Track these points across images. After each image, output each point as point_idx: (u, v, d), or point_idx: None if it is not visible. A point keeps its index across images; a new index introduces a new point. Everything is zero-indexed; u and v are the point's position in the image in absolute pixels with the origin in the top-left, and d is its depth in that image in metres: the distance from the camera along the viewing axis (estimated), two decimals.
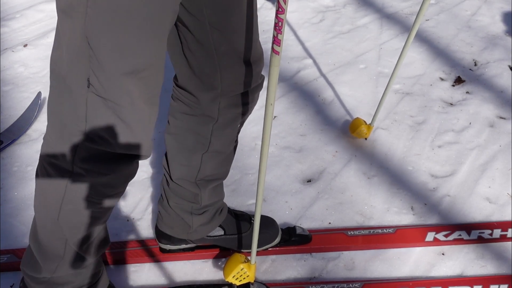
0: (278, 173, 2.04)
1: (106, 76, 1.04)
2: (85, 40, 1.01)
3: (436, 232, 1.80)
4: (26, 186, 1.97)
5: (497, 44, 2.77)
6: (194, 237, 1.65)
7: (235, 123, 1.43)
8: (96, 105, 1.07)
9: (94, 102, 1.07)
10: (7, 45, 2.73)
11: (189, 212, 1.58)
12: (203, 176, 1.50)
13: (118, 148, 1.12)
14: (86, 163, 1.15)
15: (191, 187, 1.51)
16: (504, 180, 2.02)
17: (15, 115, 2.28)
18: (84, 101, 1.07)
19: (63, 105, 1.12)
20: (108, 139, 1.10)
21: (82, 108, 1.08)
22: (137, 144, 1.14)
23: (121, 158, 1.15)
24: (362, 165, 2.08)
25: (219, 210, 1.64)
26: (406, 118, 2.31)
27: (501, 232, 1.80)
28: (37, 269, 1.36)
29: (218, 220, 1.65)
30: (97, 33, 1.01)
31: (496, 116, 2.33)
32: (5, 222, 1.84)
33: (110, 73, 1.04)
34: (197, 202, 1.55)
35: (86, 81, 1.05)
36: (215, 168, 1.50)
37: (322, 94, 2.44)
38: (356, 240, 1.77)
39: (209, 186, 1.53)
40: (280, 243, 1.73)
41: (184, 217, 1.59)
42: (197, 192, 1.53)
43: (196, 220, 1.60)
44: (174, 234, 1.65)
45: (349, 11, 3.03)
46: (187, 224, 1.61)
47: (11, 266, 1.68)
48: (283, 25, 1.06)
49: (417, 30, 1.75)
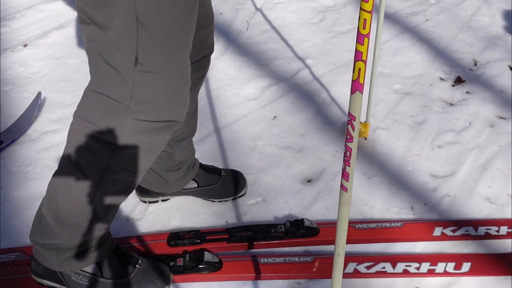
0: (278, 173, 2.04)
1: (159, 49, 1.16)
2: (134, 19, 1.12)
3: (443, 227, 1.80)
4: (26, 186, 1.97)
5: (497, 44, 2.77)
6: (171, 190, 1.85)
7: (198, 86, 1.62)
8: (143, 80, 1.19)
9: (142, 78, 1.18)
10: (7, 45, 2.73)
11: (165, 169, 1.76)
12: (173, 137, 1.65)
13: (163, 116, 1.25)
14: (131, 135, 1.26)
15: (165, 148, 1.64)
16: (504, 180, 2.02)
17: (15, 115, 2.28)
18: (132, 79, 1.19)
19: (108, 84, 1.22)
20: (153, 110, 1.23)
21: (129, 85, 1.19)
22: (178, 111, 1.28)
23: (162, 127, 1.27)
24: (362, 165, 2.08)
25: (192, 165, 1.83)
26: (406, 118, 2.31)
27: (507, 229, 1.81)
28: (49, 236, 1.43)
29: (191, 174, 1.84)
30: (149, 11, 1.12)
31: (496, 116, 2.33)
32: (5, 222, 1.84)
33: (163, 46, 1.16)
34: (171, 160, 1.73)
35: (133, 60, 1.16)
36: (183, 127, 1.62)
37: (322, 94, 2.44)
38: (364, 233, 1.78)
39: (181, 145, 1.71)
40: (288, 236, 1.76)
41: (161, 174, 1.77)
42: (170, 151, 1.70)
43: (172, 176, 1.79)
44: (153, 188, 1.84)
45: (349, 11, 3.03)
46: (164, 180, 1.79)
47: (21, 264, 1.68)
48: (352, 155, 0.99)
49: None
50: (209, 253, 1.66)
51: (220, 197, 1.90)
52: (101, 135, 1.26)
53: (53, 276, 1.53)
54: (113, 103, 1.23)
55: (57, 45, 2.73)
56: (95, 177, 1.32)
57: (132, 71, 1.18)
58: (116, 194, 1.38)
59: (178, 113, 1.29)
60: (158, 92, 1.23)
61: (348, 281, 1.66)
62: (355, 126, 0.99)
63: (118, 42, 1.17)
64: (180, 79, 1.25)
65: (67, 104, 2.36)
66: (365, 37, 0.94)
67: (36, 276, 1.55)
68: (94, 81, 1.28)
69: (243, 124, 2.27)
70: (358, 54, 0.96)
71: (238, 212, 1.90)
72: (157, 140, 1.31)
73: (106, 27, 1.16)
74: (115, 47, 1.17)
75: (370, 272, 1.65)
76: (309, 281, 1.66)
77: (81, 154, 1.32)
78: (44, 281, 1.55)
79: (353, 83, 0.98)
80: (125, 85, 1.20)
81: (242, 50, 2.72)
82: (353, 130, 0.97)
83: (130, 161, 1.31)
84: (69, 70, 2.57)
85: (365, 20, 0.93)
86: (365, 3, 0.92)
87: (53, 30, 2.83)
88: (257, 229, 1.79)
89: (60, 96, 2.41)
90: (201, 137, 2.19)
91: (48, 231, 1.43)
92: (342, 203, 1.05)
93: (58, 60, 2.63)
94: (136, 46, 1.15)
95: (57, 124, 2.25)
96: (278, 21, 2.93)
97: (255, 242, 1.75)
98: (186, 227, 1.84)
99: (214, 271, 1.63)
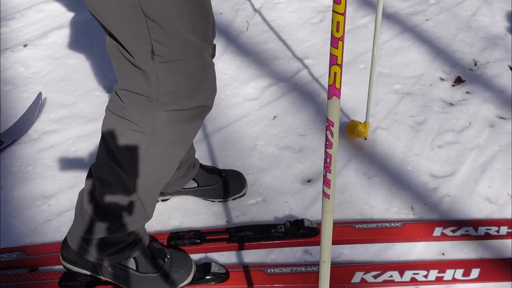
0: (278, 173, 2.04)
1: (172, 38, 1.18)
2: (142, 15, 1.14)
3: (443, 228, 1.80)
4: (26, 186, 1.98)
5: (497, 44, 2.77)
6: (171, 189, 1.85)
7: None
8: (165, 71, 1.21)
9: (163, 69, 1.21)
10: (7, 45, 2.74)
11: None
12: None
13: (193, 103, 1.27)
14: (165, 127, 1.29)
15: None
16: (504, 180, 2.02)
17: (15, 115, 2.28)
18: (154, 72, 1.21)
19: (134, 81, 1.25)
20: (181, 98, 1.25)
21: (153, 79, 1.22)
22: (206, 95, 1.30)
23: (194, 115, 1.30)
24: (362, 165, 2.08)
25: (192, 165, 1.83)
26: (406, 118, 2.31)
27: (507, 229, 1.81)
28: (93, 230, 1.46)
29: (192, 174, 1.84)
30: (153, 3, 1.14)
31: (496, 116, 2.33)
32: (5, 222, 1.84)
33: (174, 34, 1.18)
34: None
35: (149, 53, 1.18)
36: None
37: (322, 94, 2.44)
38: (363, 234, 1.78)
39: None
40: (288, 236, 1.76)
41: None
42: None
43: (173, 175, 1.73)
44: None
45: (349, 11, 3.03)
46: None
47: (21, 264, 1.70)
48: (332, 161, 0.98)
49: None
50: (215, 264, 1.66)
51: (220, 197, 1.91)
52: (136, 129, 1.30)
53: (87, 265, 1.56)
54: (142, 98, 1.26)
55: (57, 45, 2.73)
56: (134, 169, 1.36)
57: (152, 64, 1.21)
58: (154, 184, 1.43)
59: (206, 97, 1.32)
60: (182, 79, 1.25)
61: None
62: (334, 132, 0.97)
63: (132, 40, 1.20)
64: (200, 63, 1.26)
65: (67, 104, 2.37)
66: (339, 40, 0.91)
67: (68, 262, 1.57)
68: (121, 80, 1.31)
69: (243, 124, 2.27)
70: (333, 58, 0.93)
71: (238, 212, 1.90)
72: (190, 128, 1.35)
73: (117, 26, 1.20)
74: (130, 45, 1.21)
75: (378, 282, 1.63)
76: None
77: (118, 149, 1.36)
78: (76, 268, 1.58)
79: (330, 88, 0.96)
80: (149, 80, 1.23)
81: (242, 50, 2.72)
82: (332, 136, 0.94)
83: (166, 152, 1.35)
84: (69, 70, 2.57)
85: (338, 23, 0.90)
86: (337, 5, 0.89)
87: (53, 30, 2.83)
88: (257, 229, 1.79)
89: (60, 96, 2.41)
90: (201, 137, 2.19)
91: (92, 226, 1.46)
92: (325, 210, 1.04)
93: (58, 60, 2.63)
94: (150, 40, 1.18)
95: (57, 124, 2.26)
96: (278, 21, 2.93)
97: (255, 242, 1.75)
98: (186, 227, 1.85)
99: (221, 282, 1.63)
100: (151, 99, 1.26)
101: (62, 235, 1.80)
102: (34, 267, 1.71)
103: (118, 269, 1.56)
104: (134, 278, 1.57)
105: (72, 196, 1.93)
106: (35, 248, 1.74)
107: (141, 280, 1.57)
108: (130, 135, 1.32)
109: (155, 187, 1.45)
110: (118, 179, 1.39)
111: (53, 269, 1.71)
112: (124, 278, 1.57)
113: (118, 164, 1.37)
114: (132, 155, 1.34)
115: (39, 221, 1.86)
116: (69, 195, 1.94)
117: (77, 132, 2.22)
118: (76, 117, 2.30)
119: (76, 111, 2.33)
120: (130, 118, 1.30)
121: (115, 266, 1.55)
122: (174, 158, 1.40)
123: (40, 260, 1.71)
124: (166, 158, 1.38)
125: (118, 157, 1.37)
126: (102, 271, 1.56)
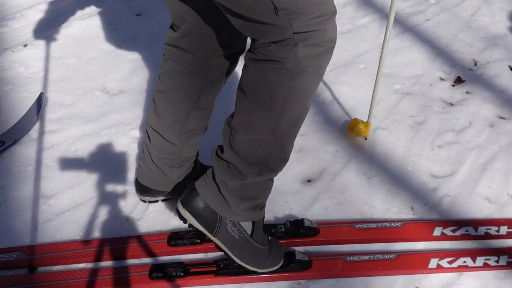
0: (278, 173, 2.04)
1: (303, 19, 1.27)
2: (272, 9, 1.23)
3: (443, 227, 1.81)
4: (26, 186, 1.98)
5: (497, 44, 2.77)
6: (172, 188, 1.86)
7: (220, 82, 1.68)
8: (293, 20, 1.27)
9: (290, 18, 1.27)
10: (7, 45, 2.74)
11: (169, 165, 1.80)
12: (187, 130, 1.71)
13: (325, 37, 1.33)
14: (305, 60, 1.33)
15: (174, 140, 1.72)
16: (504, 180, 2.02)
17: (15, 115, 2.28)
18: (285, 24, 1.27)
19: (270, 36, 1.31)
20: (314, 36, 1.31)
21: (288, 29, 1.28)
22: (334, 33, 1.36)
23: (327, 49, 1.36)
24: (362, 165, 2.08)
25: (193, 165, 1.86)
26: (406, 118, 2.31)
27: (507, 229, 1.81)
28: (238, 176, 1.50)
29: (193, 173, 1.85)
30: None
31: (496, 116, 2.33)
32: (5, 222, 1.84)
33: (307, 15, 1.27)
34: (177, 156, 1.77)
35: (273, 10, 1.25)
36: (198, 123, 1.73)
37: (322, 94, 2.44)
38: (363, 233, 1.78)
39: (190, 141, 1.76)
40: (288, 236, 1.77)
41: (164, 170, 1.80)
42: (179, 145, 1.74)
43: (175, 173, 1.82)
44: (154, 187, 1.86)
45: (349, 11, 3.03)
46: (166, 177, 1.82)
47: (21, 264, 1.70)
48: None
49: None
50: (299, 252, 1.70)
51: None
52: (278, 66, 1.34)
53: (207, 219, 1.59)
54: (281, 42, 1.32)
55: (57, 45, 2.73)
56: (277, 106, 1.39)
57: (280, 19, 1.26)
58: (294, 122, 1.45)
59: (334, 35, 1.37)
60: (311, 23, 1.29)
61: (348, 281, 1.66)
62: None
63: (254, 4, 1.27)
64: (322, 6, 1.31)
65: (67, 104, 2.37)
66: None
67: (191, 213, 1.59)
68: (259, 37, 1.35)
69: None
70: None
71: None
72: (325, 61, 1.39)
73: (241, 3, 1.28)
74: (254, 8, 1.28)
75: None
76: (309, 281, 1.66)
77: (261, 87, 1.39)
78: (194, 221, 1.60)
79: None
80: (285, 30, 1.28)
81: None
82: None
83: (306, 85, 1.39)
84: (69, 70, 2.57)
85: None
86: None
87: (53, 30, 2.83)
88: None
89: (60, 96, 2.41)
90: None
91: (236, 173, 1.49)
92: None
93: (58, 60, 2.63)
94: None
95: (57, 124, 2.26)
96: None
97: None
98: (186, 227, 1.84)
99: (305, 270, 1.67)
100: (289, 38, 1.30)
101: (62, 235, 1.80)
102: (33, 267, 1.71)
103: (237, 229, 1.60)
104: (245, 243, 1.61)
105: (72, 196, 1.94)
106: (35, 248, 1.74)
107: (250, 248, 1.62)
108: (274, 74, 1.36)
109: (294, 125, 1.46)
110: (261, 118, 1.41)
111: (53, 270, 1.71)
112: (235, 241, 1.61)
113: (262, 103, 1.40)
114: (277, 91, 1.38)
115: (39, 221, 1.86)
116: (69, 195, 1.94)
117: (77, 132, 2.22)
118: (76, 117, 2.30)
119: (76, 111, 2.33)
120: (272, 57, 1.34)
121: (235, 225, 1.59)
122: (311, 93, 1.43)
123: (40, 260, 1.71)
124: (305, 92, 1.41)
125: (262, 97, 1.40)
126: (219, 229, 1.59)
